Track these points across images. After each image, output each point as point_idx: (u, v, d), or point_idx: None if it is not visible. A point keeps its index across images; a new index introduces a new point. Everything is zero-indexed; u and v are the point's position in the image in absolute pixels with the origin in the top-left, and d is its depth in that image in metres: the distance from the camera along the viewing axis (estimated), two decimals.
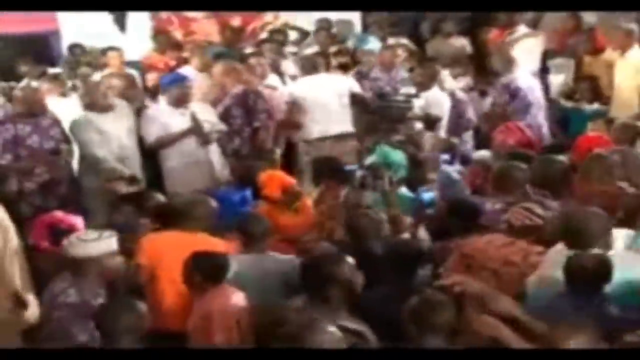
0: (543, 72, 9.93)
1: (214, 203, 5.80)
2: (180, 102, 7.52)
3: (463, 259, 4.90)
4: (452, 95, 8.73)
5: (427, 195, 6.44)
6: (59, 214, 5.74)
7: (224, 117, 7.91)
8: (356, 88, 8.86)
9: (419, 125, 8.07)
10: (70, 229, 5.31)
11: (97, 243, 4.76)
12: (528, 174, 5.69)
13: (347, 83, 8.90)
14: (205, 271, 4.90)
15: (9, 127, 7.00)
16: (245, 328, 4.65)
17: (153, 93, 8.74)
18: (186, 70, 8.76)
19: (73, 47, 10.41)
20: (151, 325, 4.34)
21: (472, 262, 4.84)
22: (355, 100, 8.73)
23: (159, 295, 5.34)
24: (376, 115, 8.56)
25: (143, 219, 5.94)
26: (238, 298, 4.87)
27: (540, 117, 8.69)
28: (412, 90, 8.65)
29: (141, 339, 4.18)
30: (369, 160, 6.84)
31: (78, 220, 5.57)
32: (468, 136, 8.84)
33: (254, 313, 4.66)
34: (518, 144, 7.01)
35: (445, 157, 7.53)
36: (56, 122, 7.24)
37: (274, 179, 6.63)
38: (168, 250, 5.32)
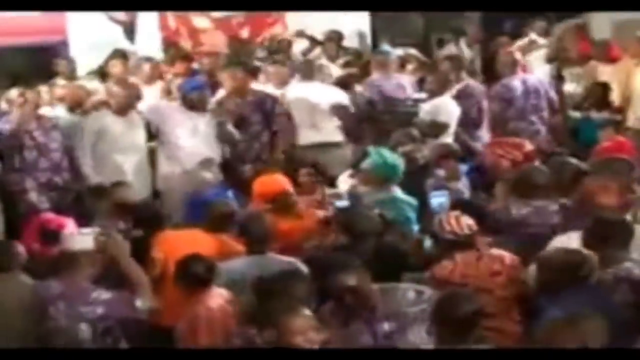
0: (558, 79, 9.83)
1: (232, 204, 6.11)
2: (197, 107, 7.61)
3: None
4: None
5: (437, 200, 6.28)
6: (49, 215, 5.65)
7: (241, 124, 7.90)
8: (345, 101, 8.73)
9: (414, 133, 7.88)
10: (59, 230, 5.22)
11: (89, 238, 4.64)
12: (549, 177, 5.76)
13: (339, 96, 8.76)
14: (192, 275, 4.89)
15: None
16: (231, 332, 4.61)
17: None
18: None
19: None
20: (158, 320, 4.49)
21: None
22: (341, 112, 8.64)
23: (167, 291, 5.27)
24: (381, 120, 8.47)
25: None
26: (225, 302, 4.83)
27: (539, 123, 8.54)
28: (421, 95, 8.51)
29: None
30: (366, 163, 6.70)
31: (68, 221, 5.46)
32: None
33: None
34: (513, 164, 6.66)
35: (464, 167, 7.32)
36: (55, 126, 7.46)
37: (265, 185, 6.52)
38: (182, 247, 5.32)
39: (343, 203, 6.36)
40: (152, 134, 7.71)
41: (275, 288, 4.55)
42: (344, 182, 7.25)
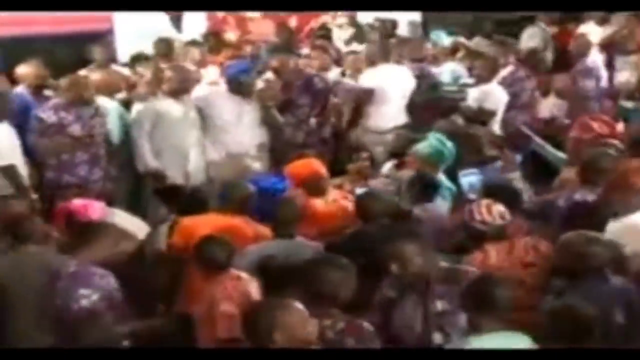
0: (610, 68, 9.54)
1: (250, 187, 5.83)
2: (243, 91, 7.42)
3: None
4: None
5: (466, 180, 5.98)
6: (77, 202, 5.48)
7: (287, 108, 7.73)
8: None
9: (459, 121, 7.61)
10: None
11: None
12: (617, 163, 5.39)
13: (408, 76, 8.53)
14: (209, 258, 4.78)
15: (51, 115, 6.86)
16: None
17: None
18: None
19: None
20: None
21: None
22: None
23: (185, 277, 5.19)
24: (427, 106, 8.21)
25: None
26: (244, 285, 4.66)
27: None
28: (468, 80, 8.27)
29: None
30: (423, 147, 6.46)
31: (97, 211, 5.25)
32: None
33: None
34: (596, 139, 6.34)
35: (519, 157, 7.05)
36: (98, 113, 7.11)
37: (301, 167, 6.33)
38: (201, 232, 5.19)
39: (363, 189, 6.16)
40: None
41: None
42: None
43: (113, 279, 4.05)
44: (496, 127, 7.97)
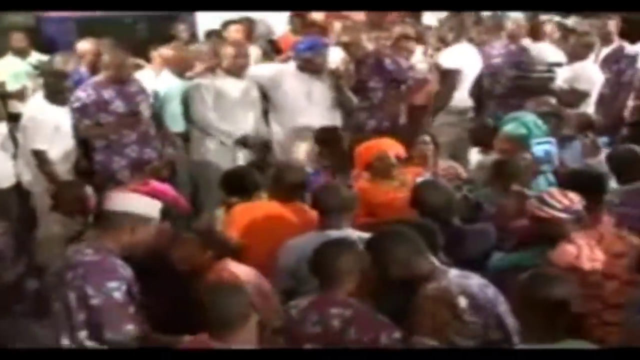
0: None
1: (305, 171, 5.46)
2: (313, 69, 6.97)
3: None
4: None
5: (541, 148, 5.45)
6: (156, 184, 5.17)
7: (359, 90, 7.22)
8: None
9: (552, 101, 6.99)
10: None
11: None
12: None
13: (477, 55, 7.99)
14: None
15: (91, 93, 6.61)
16: None
17: None
18: None
19: None
20: None
21: None
22: None
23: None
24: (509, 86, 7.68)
25: None
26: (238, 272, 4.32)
27: None
28: (560, 59, 7.67)
29: None
30: (509, 129, 6.04)
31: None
32: None
33: None
34: None
35: (605, 139, 6.53)
36: (142, 90, 6.86)
37: (368, 147, 5.85)
38: (258, 220, 4.97)
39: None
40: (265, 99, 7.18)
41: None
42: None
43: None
44: (590, 109, 7.32)
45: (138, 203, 4.00)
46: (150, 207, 4.02)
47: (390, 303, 3.82)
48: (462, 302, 3.64)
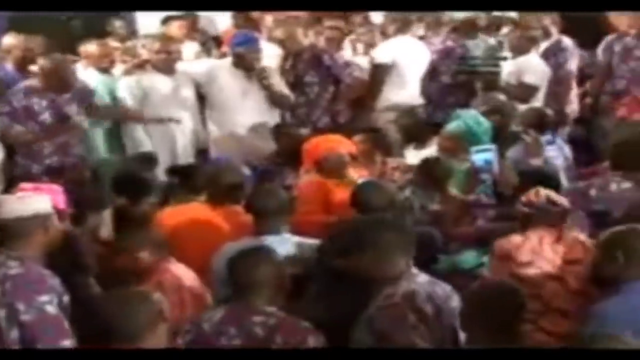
0: None
1: (243, 173, 5.28)
2: (246, 65, 6.74)
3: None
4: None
5: (481, 157, 5.27)
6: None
7: (296, 85, 7.08)
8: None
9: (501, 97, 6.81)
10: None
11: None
12: None
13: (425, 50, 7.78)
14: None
15: (21, 99, 6.26)
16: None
17: None
18: None
19: None
20: None
21: None
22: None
23: None
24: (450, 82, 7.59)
25: None
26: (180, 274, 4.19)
27: None
28: (502, 53, 7.57)
29: None
30: (450, 127, 5.88)
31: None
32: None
33: None
34: None
35: (547, 137, 6.29)
36: (79, 97, 6.51)
37: (317, 144, 5.64)
38: (183, 224, 4.78)
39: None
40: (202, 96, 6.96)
41: None
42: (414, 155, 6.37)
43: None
44: (538, 104, 7.14)
45: (42, 202, 3.76)
46: (48, 202, 3.80)
47: (343, 303, 3.73)
48: (429, 308, 3.47)
